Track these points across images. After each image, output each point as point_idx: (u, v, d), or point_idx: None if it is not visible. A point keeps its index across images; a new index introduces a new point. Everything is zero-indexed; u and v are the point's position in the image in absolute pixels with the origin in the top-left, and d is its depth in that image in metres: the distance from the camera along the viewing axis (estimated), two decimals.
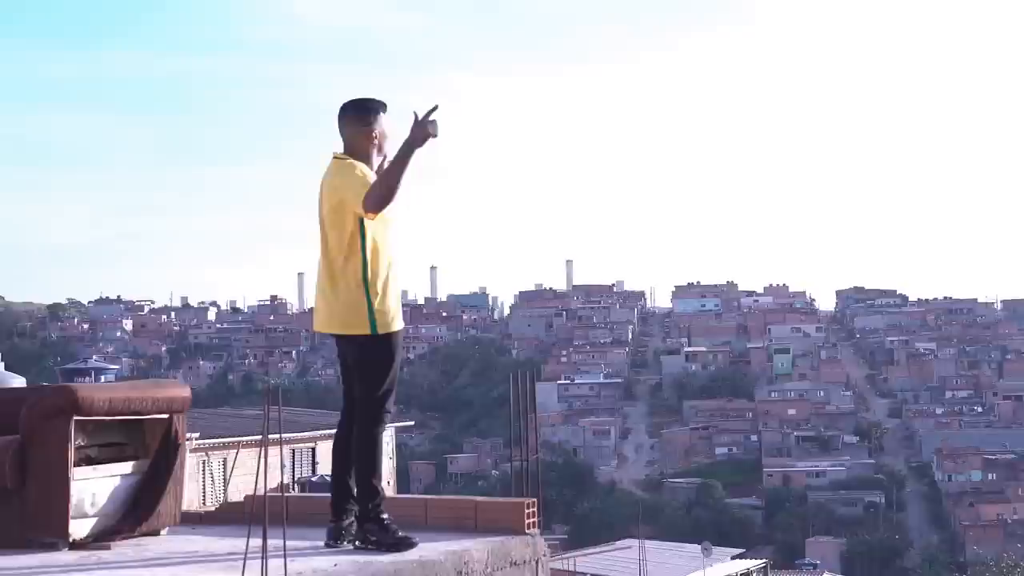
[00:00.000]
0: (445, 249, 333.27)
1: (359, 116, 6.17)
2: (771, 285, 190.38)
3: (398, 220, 6.20)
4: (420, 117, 5.83)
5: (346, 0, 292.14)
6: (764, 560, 53.75)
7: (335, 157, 6.17)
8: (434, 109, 5.84)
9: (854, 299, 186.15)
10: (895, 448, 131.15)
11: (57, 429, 5.95)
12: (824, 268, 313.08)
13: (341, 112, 6.21)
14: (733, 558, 51.25)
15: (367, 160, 6.12)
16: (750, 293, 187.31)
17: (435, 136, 5.83)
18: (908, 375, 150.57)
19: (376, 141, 6.16)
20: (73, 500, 5.97)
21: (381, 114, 6.20)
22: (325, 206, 6.08)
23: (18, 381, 15.90)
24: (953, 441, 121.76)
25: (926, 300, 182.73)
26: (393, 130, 6.18)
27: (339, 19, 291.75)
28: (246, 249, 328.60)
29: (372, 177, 5.99)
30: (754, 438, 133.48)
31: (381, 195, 5.85)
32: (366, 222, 5.96)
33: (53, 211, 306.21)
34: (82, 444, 6.17)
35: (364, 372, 6.08)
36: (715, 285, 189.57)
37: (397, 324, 6.10)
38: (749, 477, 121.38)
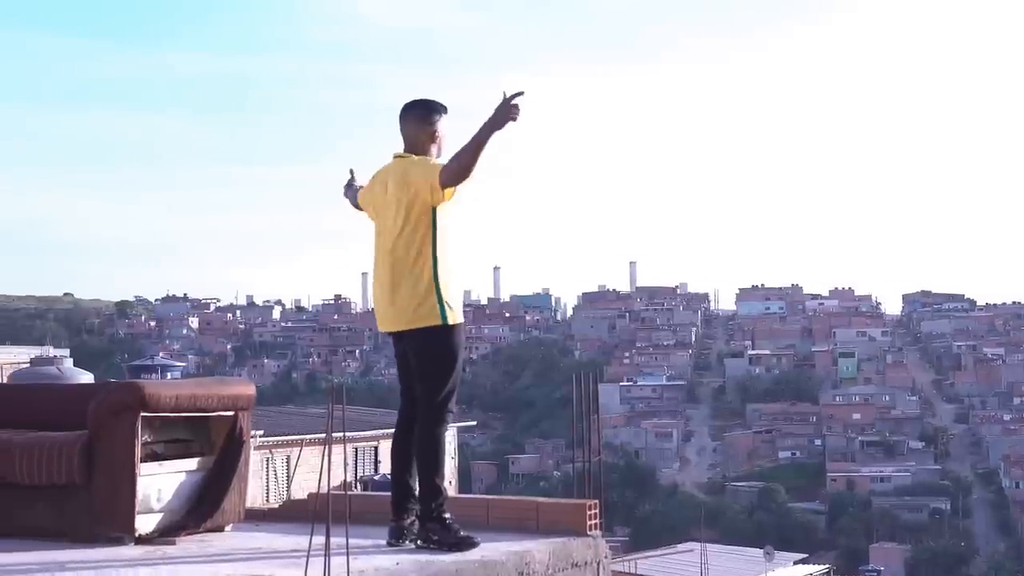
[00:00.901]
0: (509, 250, 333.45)
1: (422, 115, 6.23)
2: (837, 288, 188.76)
3: (464, 215, 6.27)
4: (507, 97, 5.84)
5: (409, 0, 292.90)
6: (827, 565, 53.40)
7: (396, 156, 6.24)
8: (519, 93, 5.84)
9: (921, 303, 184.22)
10: (961, 454, 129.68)
11: (124, 425, 6.01)
12: (891, 271, 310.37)
13: (403, 111, 6.27)
14: (796, 563, 50.88)
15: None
16: (815, 296, 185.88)
17: (515, 120, 5.82)
18: (975, 380, 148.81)
19: (437, 141, 6.22)
20: (139, 496, 6.02)
21: (443, 115, 6.26)
22: (392, 200, 6.12)
23: (86, 377, 16.10)
24: (1021, 448, 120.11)
25: (994, 305, 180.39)
26: (453, 132, 6.24)
27: (402, 19, 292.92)
28: (311, 248, 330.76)
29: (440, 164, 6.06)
30: (818, 442, 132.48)
31: (458, 169, 5.88)
32: (437, 215, 6.02)
33: (121, 210, 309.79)
34: (148, 440, 6.22)
35: (429, 366, 6.10)
36: (780, 288, 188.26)
37: (460, 316, 6.15)
38: (812, 481, 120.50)
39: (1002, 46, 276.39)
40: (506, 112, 5.80)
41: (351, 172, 6.79)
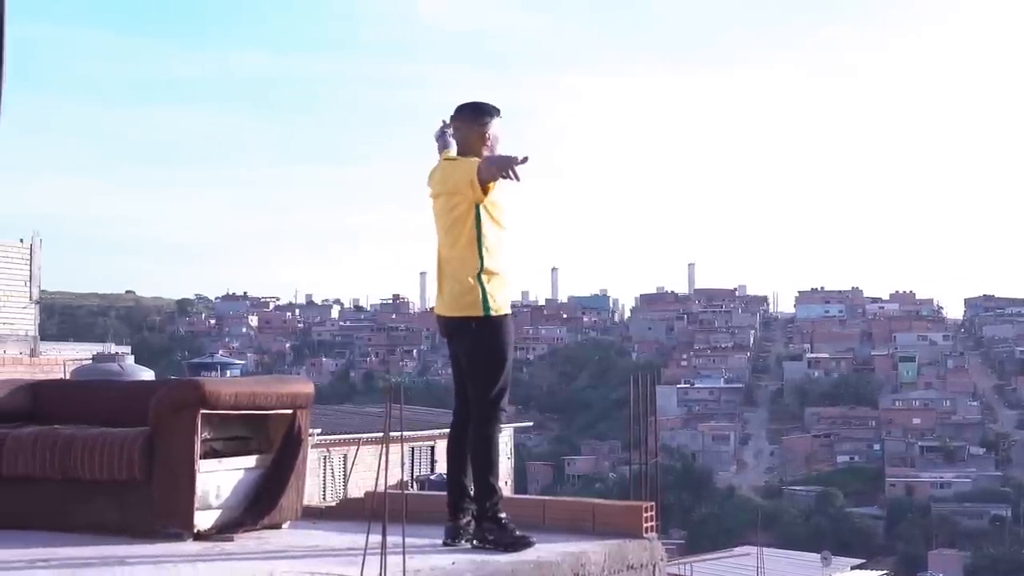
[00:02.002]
0: (566, 250, 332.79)
1: (474, 117, 6.31)
2: (897, 292, 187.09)
3: (511, 210, 6.31)
4: (519, 158, 5.90)
5: (469, 1, 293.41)
6: (885, 571, 53.00)
7: (446, 158, 6.32)
8: (525, 159, 5.91)
9: (983, 307, 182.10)
10: (1023, 460, 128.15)
11: (184, 422, 6.06)
12: (953, 275, 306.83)
13: (456, 113, 6.37)
14: (853, 568, 50.50)
15: None
16: (875, 299, 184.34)
17: (508, 177, 5.92)
18: None
19: (489, 143, 6.27)
20: (198, 492, 6.08)
21: (495, 118, 6.32)
22: (439, 194, 6.25)
23: (147, 374, 16.24)
24: None
25: None
26: (506, 134, 6.31)
27: (461, 20, 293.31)
28: (370, 248, 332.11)
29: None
30: (877, 447, 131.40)
31: (492, 174, 5.98)
32: (482, 211, 6.10)
33: (182, 209, 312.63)
34: (208, 437, 6.28)
35: (477, 363, 6.14)
36: (839, 291, 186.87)
37: (506, 308, 6.20)
38: (871, 486, 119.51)
39: None
40: (505, 166, 5.90)
41: (443, 123, 6.81)
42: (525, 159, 5.91)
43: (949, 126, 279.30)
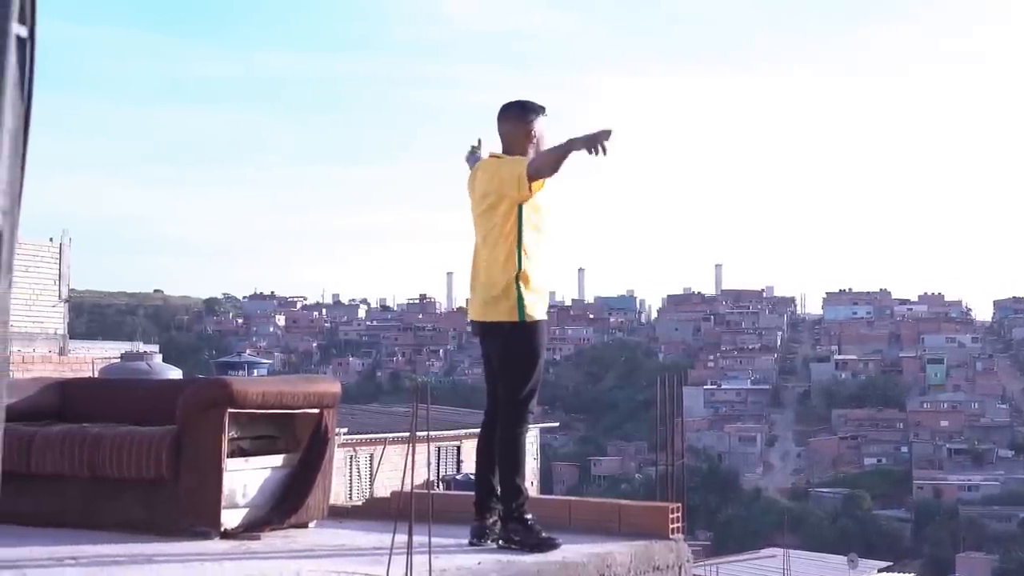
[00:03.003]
0: (594, 251, 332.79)
1: (520, 115, 6.30)
2: (926, 293, 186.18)
3: (553, 214, 6.31)
4: (602, 131, 5.90)
5: (496, 0, 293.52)
6: (913, 574, 52.71)
7: (491, 155, 6.32)
8: (610, 131, 5.91)
9: (1013, 309, 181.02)
10: None
11: (212, 421, 6.09)
12: (981, 277, 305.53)
13: (502, 111, 6.35)
14: (880, 571, 50.30)
15: None
16: (904, 301, 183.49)
17: (598, 153, 5.90)
18: None
19: (534, 140, 6.26)
20: (225, 491, 6.10)
21: (540, 116, 6.31)
22: (481, 196, 6.23)
23: (175, 373, 16.28)
24: None
25: None
26: (551, 133, 6.28)
27: (489, 19, 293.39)
28: (397, 248, 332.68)
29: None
30: (904, 449, 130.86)
31: (540, 166, 6.01)
32: (524, 212, 6.08)
33: (210, 207, 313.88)
34: (235, 436, 6.30)
35: (509, 364, 6.14)
36: (868, 292, 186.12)
37: (541, 314, 6.17)
38: (898, 488, 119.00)
39: None
40: (596, 141, 5.88)
41: (478, 141, 6.84)
42: (610, 131, 5.90)
43: (980, 127, 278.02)
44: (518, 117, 6.29)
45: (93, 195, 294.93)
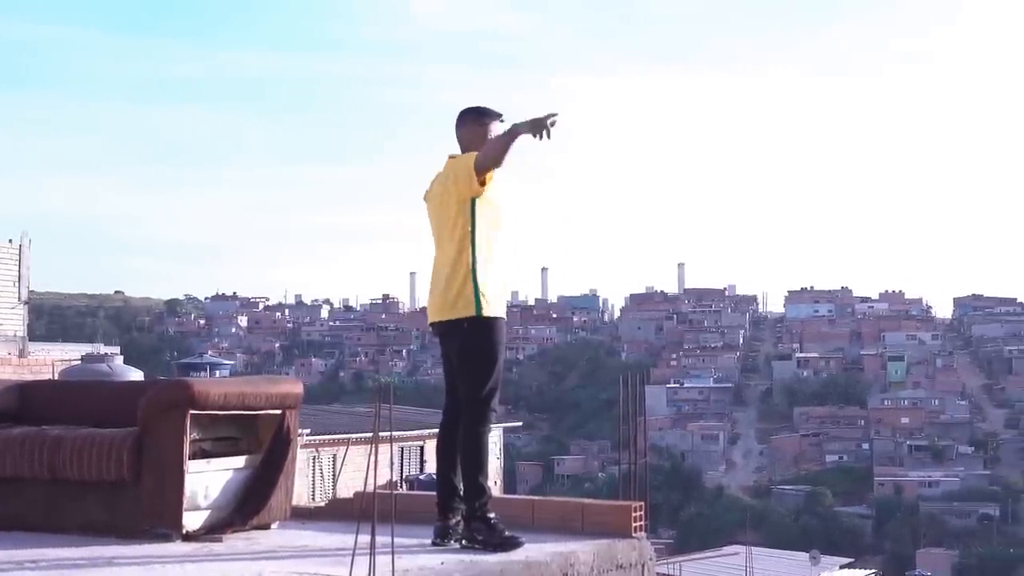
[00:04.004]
0: (556, 250, 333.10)
1: (477, 120, 6.35)
2: (886, 291, 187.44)
3: (511, 212, 6.33)
4: (547, 115, 5.97)
5: (462, 1, 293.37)
6: (874, 570, 53.12)
7: (450, 157, 6.33)
8: (555, 115, 5.97)
9: (972, 306, 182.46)
10: (1012, 459, 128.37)
11: (173, 422, 6.06)
12: (941, 275, 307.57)
13: (460, 116, 6.42)
14: (842, 567, 50.65)
15: None
16: (865, 299, 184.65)
17: (542, 137, 5.97)
18: None
19: None
20: (187, 493, 6.07)
21: (498, 121, 6.35)
22: (438, 196, 6.27)
23: (136, 375, 16.21)
24: None
25: None
26: None
27: (455, 19, 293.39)
28: (359, 248, 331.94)
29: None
30: (865, 446, 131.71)
31: (486, 156, 6.07)
32: (476, 209, 6.11)
33: (172, 209, 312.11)
34: (197, 438, 6.27)
35: (469, 362, 6.14)
36: (829, 290, 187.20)
37: (499, 310, 6.19)
38: (859, 485, 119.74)
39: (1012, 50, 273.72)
40: (538, 126, 5.96)
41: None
42: (555, 116, 5.96)
43: (938, 126, 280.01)
44: (475, 122, 6.33)
45: (54, 195, 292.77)
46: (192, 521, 6.15)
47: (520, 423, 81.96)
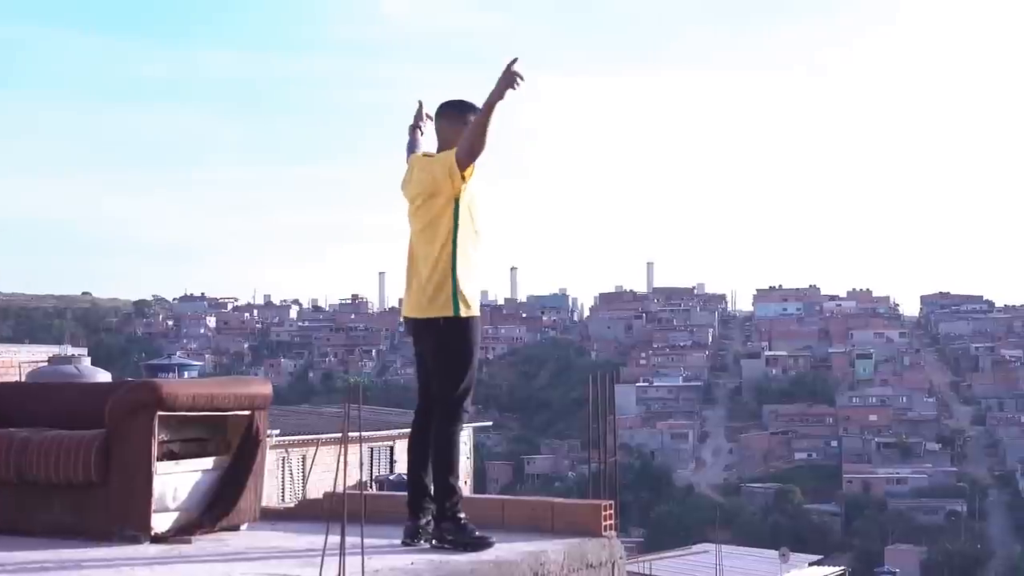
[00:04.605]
0: (526, 250, 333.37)
1: (457, 115, 6.28)
2: (854, 290, 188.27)
3: (485, 213, 6.31)
4: (508, 64, 5.95)
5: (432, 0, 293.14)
6: (842, 567, 53.26)
7: (424, 154, 6.30)
8: (515, 60, 5.96)
9: (939, 304, 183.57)
10: (978, 456, 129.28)
11: (141, 424, 6.03)
12: (909, 273, 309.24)
13: (440, 110, 6.36)
14: (811, 564, 50.74)
15: None
16: (833, 297, 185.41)
17: (515, 88, 5.95)
18: (993, 382, 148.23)
19: None
20: (155, 494, 6.05)
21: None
22: (416, 192, 6.22)
23: (104, 376, 16.13)
24: None
25: (1013, 306, 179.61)
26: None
27: (425, 19, 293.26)
28: (329, 248, 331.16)
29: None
30: (834, 444, 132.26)
31: (470, 143, 6.02)
32: (460, 210, 6.08)
33: (140, 209, 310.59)
34: (165, 439, 6.25)
35: (444, 361, 6.12)
36: (797, 289, 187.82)
37: (475, 310, 6.17)
38: (828, 483, 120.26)
39: (1006, 52, 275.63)
40: (507, 79, 5.93)
41: (420, 104, 6.82)
42: (515, 59, 5.94)
43: (904, 125, 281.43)
44: (455, 117, 6.27)
45: (20, 197, 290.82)
46: (161, 523, 6.12)
47: (490, 423, 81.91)
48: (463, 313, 6.07)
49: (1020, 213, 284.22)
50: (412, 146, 6.67)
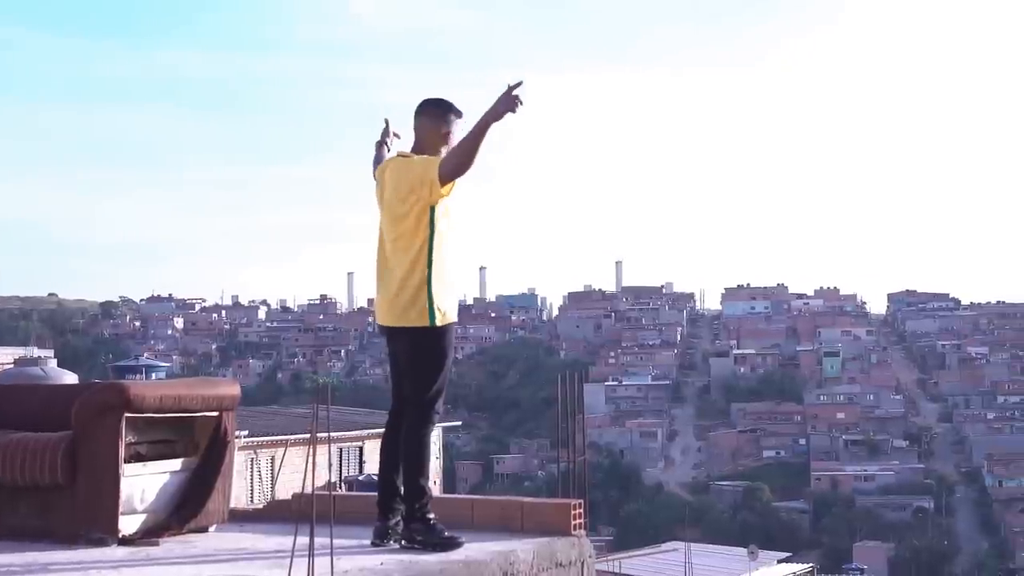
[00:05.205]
0: (494, 249, 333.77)
1: (437, 113, 6.20)
2: (822, 288, 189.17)
3: (461, 218, 6.27)
4: (510, 87, 5.84)
5: None
6: (811, 564, 53.38)
7: (401, 154, 6.22)
8: (519, 84, 5.86)
9: (905, 302, 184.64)
10: (945, 453, 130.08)
11: (108, 426, 5.99)
12: (876, 271, 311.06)
13: (420, 107, 6.24)
14: (779, 562, 50.88)
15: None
16: (800, 296, 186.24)
17: (514, 112, 5.85)
18: (959, 379, 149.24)
19: (448, 141, 6.17)
20: (123, 496, 6.01)
21: (458, 118, 6.22)
22: (392, 199, 6.10)
23: (70, 378, 16.02)
24: (1004, 446, 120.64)
25: (979, 304, 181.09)
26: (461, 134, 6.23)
27: (395, 18, 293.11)
28: (297, 248, 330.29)
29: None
30: (802, 441, 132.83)
31: (458, 161, 5.91)
32: (436, 216, 6.01)
33: (106, 209, 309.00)
34: (132, 441, 6.21)
35: (417, 366, 6.10)
36: (765, 287, 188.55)
37: (451, 316, 6.13)
38: (796, 481, 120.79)
39: (986, 48, 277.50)
40: (508, 103, 5.83)
41: (386, 122, 6.75)
42: (519, 83, 5.84)
43: (871, 123, 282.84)
44: (437, 116, 6.18)
45: None
46: (128, 525, 6.09)
47: (459, 423, 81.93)
48: (439, 322, 6.03)
49: (986, 212, 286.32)
50: (378, 161, 6.56)
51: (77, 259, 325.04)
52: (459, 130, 6.16)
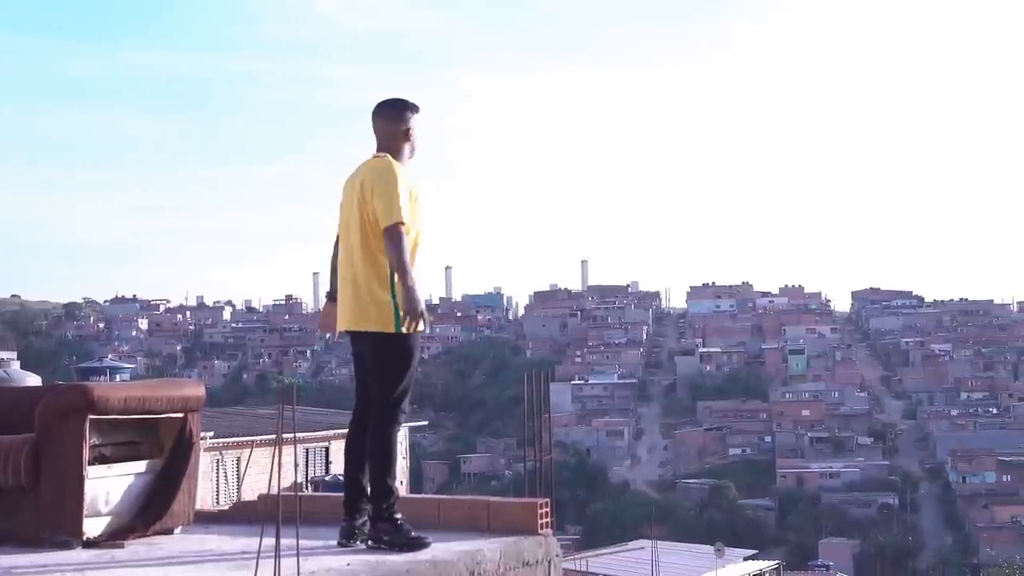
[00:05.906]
0: (460, 249, 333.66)
1: (394, 114, 6.21)
2: (786, 286, 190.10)
3: (427, 223, 6.24)
4: (426, 320, 5.92)
5: None
6: (777, 561, 53.63)
7: (374, 156, 6.20)
8: (434, 314, 5.85)
9: (870, 300, 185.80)
10: (909, 449, 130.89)
11: (72, 428, 5.96)
12: (840, 269, 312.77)
13: (377, 109, 6.25)
14: (746, 559, 51.17)
15: (398, 157, 6.13)
16: (765, 294, 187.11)
17: (408, 330, 5.91)
18: (923, 376, 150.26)
19: (411, 139, 6.21)
20: (87, 499, 5.97)
21: (415, 114, 6.25)
22: (356, 205, 6.07)
23: (33, 380, 15.91)
24: (968, 442, 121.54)
25: (942, 301, 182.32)
26: (423, 130, 6.27)
27: (358, 17, 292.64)
28: (262, 249, 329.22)
29: (404, 192, 5.96)
30: (768, 439, 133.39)
31: (393, 258, 5.87)
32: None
33: (69, 210, 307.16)
34: (96, 443, 6.18)
35: (383, 370, 6.08)
36: (730, 286, 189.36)
37: (420, 324, 6.09)
38: (762, 478, 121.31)
39: (946, 46, 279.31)
40: (415, 316, 5.83)
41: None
42: (432, 322, 5.85)
43: (833, 122, 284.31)
44: (394, 116, 6.20)
45: None
46: (93, 527, 6.05)
47: (426, 422, 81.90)
48: (404, 328, 6.02)
49: (949, 210, 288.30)
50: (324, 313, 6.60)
51: (40, 260, 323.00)
52: (419, 125, 6.23)
